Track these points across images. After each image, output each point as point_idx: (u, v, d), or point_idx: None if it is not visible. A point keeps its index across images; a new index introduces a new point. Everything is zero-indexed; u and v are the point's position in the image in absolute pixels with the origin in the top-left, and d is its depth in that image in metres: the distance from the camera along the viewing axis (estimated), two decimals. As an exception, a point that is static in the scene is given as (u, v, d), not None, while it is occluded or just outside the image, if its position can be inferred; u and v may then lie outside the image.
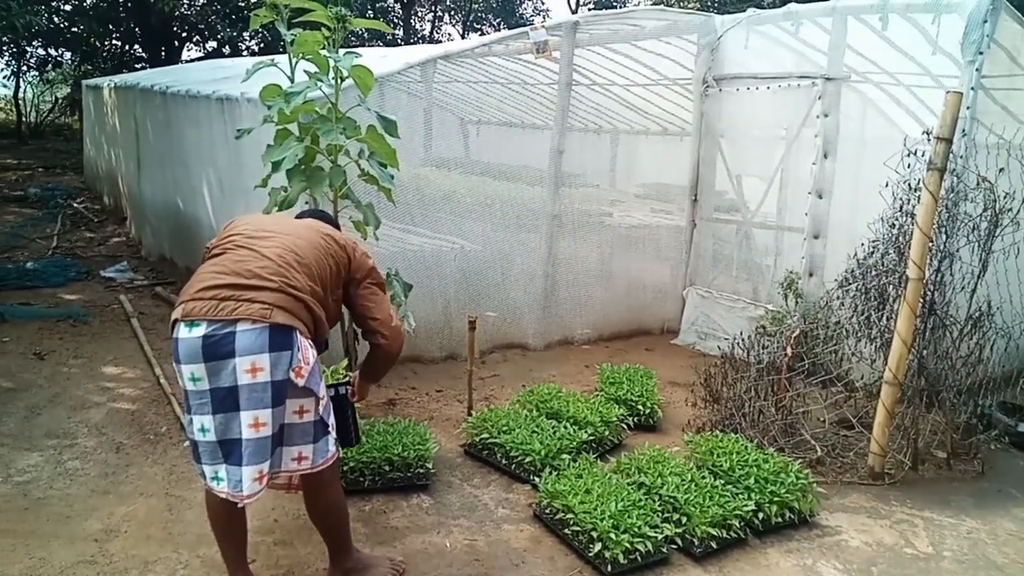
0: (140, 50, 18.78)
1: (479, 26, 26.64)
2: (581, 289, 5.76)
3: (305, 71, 3.24)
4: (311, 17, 3.22)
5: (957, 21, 4.20)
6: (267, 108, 3.19)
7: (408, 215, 4.82)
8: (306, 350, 2.27)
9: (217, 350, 2.17)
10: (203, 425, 2.22)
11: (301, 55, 3.28)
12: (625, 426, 3.94)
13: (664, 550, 2.82)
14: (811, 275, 5.09)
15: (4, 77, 21.09)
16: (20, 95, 21.40)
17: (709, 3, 20.24)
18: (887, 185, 3.88)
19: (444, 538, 2.99)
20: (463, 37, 25.62)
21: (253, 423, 2.20)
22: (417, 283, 4.55)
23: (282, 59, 3.52)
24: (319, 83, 3.12)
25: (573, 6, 26.78)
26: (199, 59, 17.97)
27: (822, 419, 3.94)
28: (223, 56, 16.85)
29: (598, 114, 7.54)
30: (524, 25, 25.78)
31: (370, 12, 21.70)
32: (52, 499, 3.12)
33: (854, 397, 4.03)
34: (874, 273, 3.82)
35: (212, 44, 18.82)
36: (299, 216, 2.88)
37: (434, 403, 4.39)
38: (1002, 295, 3.96)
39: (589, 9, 25.85)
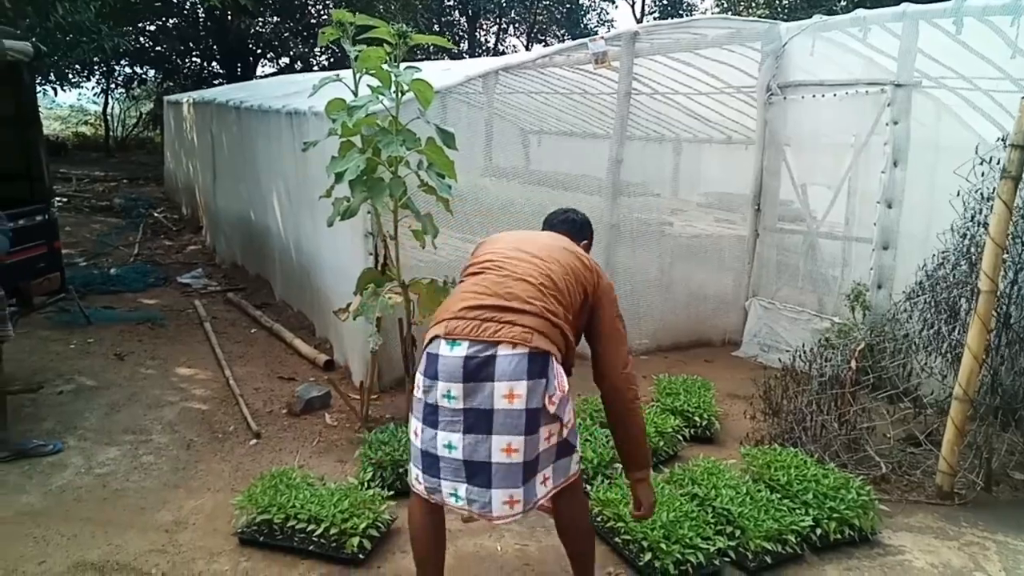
0: (218, 67, 19.66)
1: (543, 37, 26.82)
2: (639, 299, 5.72)
3: (368, 85, 3.35)
4: (374, 34, 3.33)
5: (1038, 22, 4.03)
6: (332, 122, 3.32)
7: (467, 224, 4.90)
8: (561, 377, 2.22)
9: (477, 372, 2.15)
10: (450, 442, 2.19)
11: (364, 70, 3.40)
12: (680, 437, 3.91)
13: (716, 563, 2.78)
14: (879, 287, 4.93)
15: (95, 94, 22.43)
16: (108, 111, 22.71)
17: (778, 10, 19.84)
18: (958, 194, 3.74)
19: (496, 542, 3.03)
20: (527, 48, 25.83)
21: (505, 448, 2.15)
22: (475, 291, 4.61)
23: (347, 74, 3.65)
24: (380, 97, 3.22)
25: (638, 16, 26.71)
26: (272, 75, 18.69)
27: (888, 435, 3.80)
28: (295, 71, 17.48)
29: (660, 123, 7.50)
30: (589, 35, 25.83)
31: (436, 26, 22.15)
32: (128, 491, 3.30)
33: (924, 413, 3.88)
34: (944, 285, 3.68)
35: (285, 60, 19.56)
36: (549, 224, 2.82)
37: (490, 410, 4.43)
38: (1085, 309, 3.75)
39: (655, 18, 25.71)
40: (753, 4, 21.22)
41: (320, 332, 5.57)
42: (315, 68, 18.42)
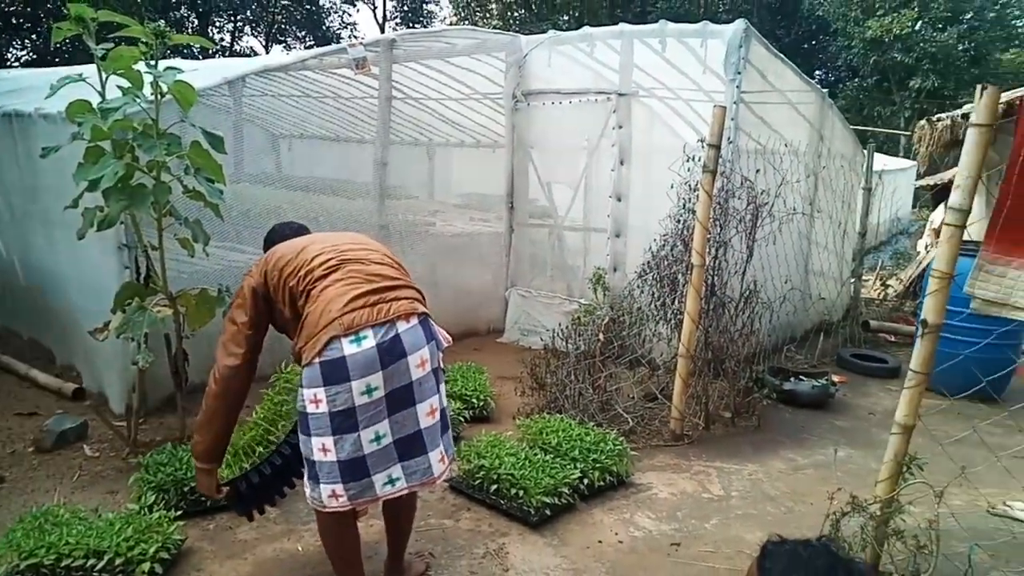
0: None
1: (283, 38, 25.92)
2: (412, 297, 5.93)
3: (118, 86, 3.16)
4: (127, 32, 3.14)
5: (720, 45, 4.93)
6: (78, 125, 3.07)
7: (233, 232, 4.75)
8: (442, 332, 2.46)
9: (391, 354, 2.23)
10: (377, 433, 2.25)
11: (113, 70, 3.19)
12: (462, 419, 4.21)
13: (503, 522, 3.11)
14: (615, 270, 5.69)
15: None
16: None
17: (511, 22, 21.29)
18: (672, 187, 4.49)
19: (295, 543, 3.06)
20: (266, 49, 24.81)
21: (429, 411, 2.33)
22: (246, 299, 4.49)
23: (84, 69, 3.38)
24: (137, 99, 3.06)
25: (380, 21, 26.93)
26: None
27: (631, 394, 4.46)
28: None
29: (418, 128, 7.78)
30: (331, 38, 25.43)
31: (162, 23, 20.38)
32: None
33: (656, 373, 4.60)
34: (666, 263, 4.40)
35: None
36: (292, 232, 2.84)
37: (271, 418, 4.36)
38: (765, 276, 4.73)
39: (396, 24, 26.10)
40: (488, 15, 22.53)
41: (62, 359, 5.01)
42: (14, 64, 16.00)
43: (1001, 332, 3.46)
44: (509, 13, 22.98)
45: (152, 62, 3.14)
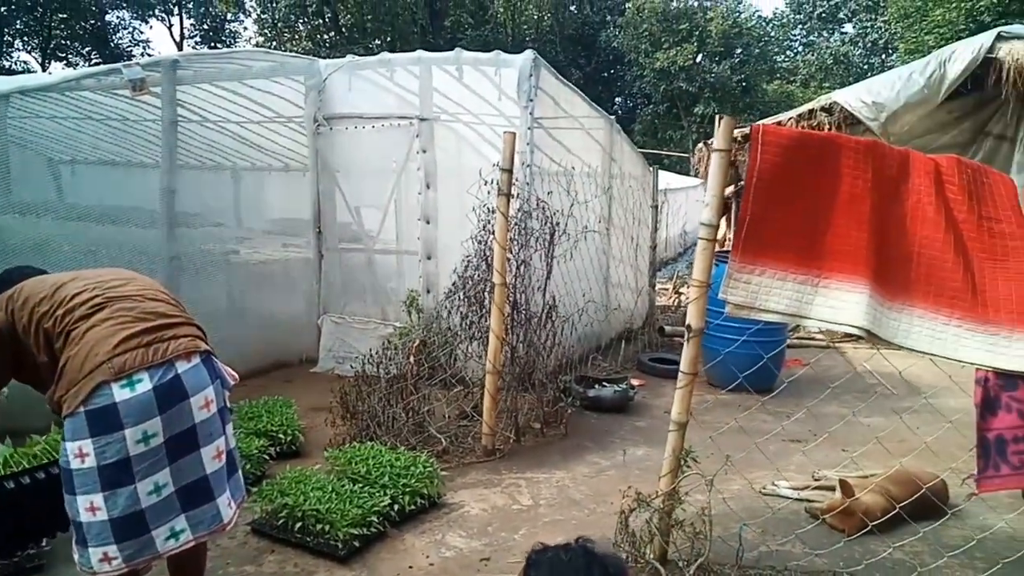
0: None
1: (64, 55, 23.55)
2: (209, 331, 5.57)
3: None
4: None
5: (513, 74, 5.16)
6: None
7: (-12, 271, 4.20)
8: (227, 369, 2.37)
9: (171, 397, 2.09)
10: (156, 484, 2.08)
11: None
12: (267, 456, 4.00)
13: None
14: (428, 291, 5.72)
15: None
16: None
17: (321, 44, 20.89)
18: (474, 209, 4.62)
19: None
20: (43, 67, 22.40)
21: (215, 454, 2.21)
22: (7, 345, 3.99)
23: None
24: None
25: (177, 39, 25.34)
26: None
27: (445, 414, 4.49)
28: None
29: (219, 152, 7.36)
30: (121, 55, 23.46)
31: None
32: None
33: (470, 391, 4.67)
34: (471, 283, 4.50)
35: None
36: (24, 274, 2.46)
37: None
38: (567, 290, 4.98)
39: (196, 43, 24.66)
40: (296, 37, 21.92)
41: None
42: None
43: (755, 331, 3.92)
44: (318, 35, 22.50)
45: None
